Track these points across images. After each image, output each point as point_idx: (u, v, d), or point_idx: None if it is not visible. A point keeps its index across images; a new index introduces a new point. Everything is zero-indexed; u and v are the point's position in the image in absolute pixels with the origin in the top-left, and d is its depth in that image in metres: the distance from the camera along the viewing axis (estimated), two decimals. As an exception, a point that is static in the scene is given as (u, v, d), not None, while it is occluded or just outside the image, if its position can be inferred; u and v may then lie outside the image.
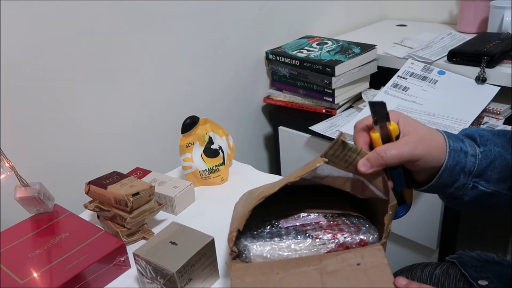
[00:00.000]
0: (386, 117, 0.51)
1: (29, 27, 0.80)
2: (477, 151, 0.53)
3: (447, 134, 0.54)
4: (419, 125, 0.53)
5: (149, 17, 0.98)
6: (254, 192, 0.58)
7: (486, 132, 0.56)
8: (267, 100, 1.29)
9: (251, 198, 0.55)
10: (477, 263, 0.70)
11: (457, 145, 0.53)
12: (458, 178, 0.53)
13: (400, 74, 1.16)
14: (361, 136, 0.53)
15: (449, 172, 0.52)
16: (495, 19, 1.23)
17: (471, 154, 0.52)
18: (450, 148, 0.52)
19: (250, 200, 0.53)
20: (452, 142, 0.52)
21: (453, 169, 0.52)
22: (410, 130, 0.51)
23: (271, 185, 0.54)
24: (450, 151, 0.51)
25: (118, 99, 0.98)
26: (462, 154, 0.52)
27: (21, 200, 0.69)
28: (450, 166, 0.52)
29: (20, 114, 0.83)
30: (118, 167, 0.81)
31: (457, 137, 0.54)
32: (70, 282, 0.57)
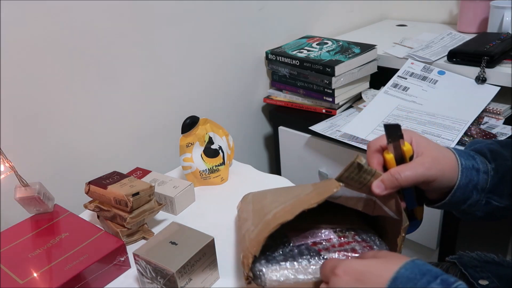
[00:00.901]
0: (400, 138, 0.52)
1: (29, 27, 0.80)
2: (489, 167, 0.53)
3: (458, 152, 0.54)
4: (432, 144, 0.53)
5: (149, 17, 0.98)
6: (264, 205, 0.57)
7: (495, 146, 0.56)
8: (267, 100, 1.29)
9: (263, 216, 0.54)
10: (477, 264, 0.70)
11: (469, 163, 0.53)
12: (471, 195, 0.53)
13: (400, 74, 1.16)
14: (375, 157, 0.54)
15: (462, 190, 0.52)
16: (495, 19, 1.23)
17: (483, 171, 0.53)
18: (462, 166, 0.52)
19: (265, 224, 0.52)
20: (464, 161, 0.53)
21: (466, 187, 0.52)
22: (423, 150, 0.52)
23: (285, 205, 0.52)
24: (463, 169, 0.52)
25: (118, 99, 0.98)
26: (474, 171, 0.53)
27: (21, 200, 0.69)
28: (463, 184, 0.52)
29: (20, 114, 0.83)
30: (118, 167, 0.81)
31: (468, 154, 0.54)
32: (70, 282, 0.57)
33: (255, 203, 0.62)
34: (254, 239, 0.51)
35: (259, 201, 0.61)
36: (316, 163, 1.18)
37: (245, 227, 0.58)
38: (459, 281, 0.39)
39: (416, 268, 0.41)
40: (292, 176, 1.04)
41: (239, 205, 0.71)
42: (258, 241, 0.50)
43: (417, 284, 0.40)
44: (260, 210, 0.57)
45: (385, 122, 0.55)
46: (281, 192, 0.61)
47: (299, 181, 0.87)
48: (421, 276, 0.40)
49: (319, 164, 1.18)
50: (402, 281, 0.40)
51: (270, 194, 0.63)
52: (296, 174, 1.25)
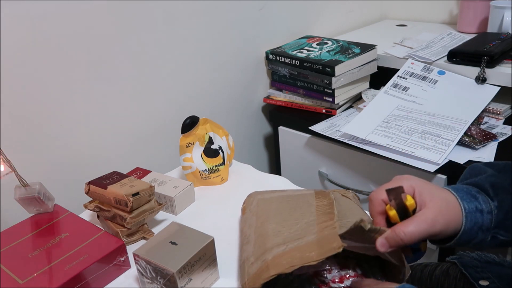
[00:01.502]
0: (401, 195, 0.52)
1: (29, 26, 0.80)
2: (492, 206, 0.53)
3: (459, 195, 0.53)
4: (435, 193, 0.52)
5: (149, 17, 0.98)
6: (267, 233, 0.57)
7: (495, 177, 0.55)
8: (267, 100, 1.29)
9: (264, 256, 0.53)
10: (477, 264, 0.70)
11: (472, 206, 0.52)
12: (476, 236, 0.52)
13: (400, 74, 1.16)
14: (378, 211, 0.54)
15: (467, 234, 0.52)
16: (495, 19, 1.23)
17: (487, 212, 0.52)
18: (466, 211, 0.51)
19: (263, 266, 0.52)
20: (466, 204, 0.52)
21: (471, 231, 0.52)
22: (426, 202, 0.51)
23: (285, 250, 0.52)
24: (467, 214, 0.51)
25: (118, 99, 0.98)
26: (479, 213, 0.52)
27: (21, 200, 0.69)
28: (468, 229, 0.51)
29: (20, 114, 0.83)
30: (118, 167, 0.81)
31: (469, 194, 0.53)
32: (70, 282, 0.57)
33: (259, 219, 0.62)
34: (252, 279, 0.52)
35: (262, 222, 0.61)
36: (316, 163, 1.18)
37: (246, 250, 0.58)
38: None
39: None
40: (292, 176, 1.03)
41: (243, 207, 0.71)
42: (257, 283, 0.51)
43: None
44: (262, 237, 0.57)
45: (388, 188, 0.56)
46: (286, 214, 0.61)
47: (299, 181, 0.87)
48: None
49: (319, 164, 1.18)
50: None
51: (274, 212, 0.62)
52: (296, 174, 1.25)
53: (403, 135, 0.97)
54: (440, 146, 0.92)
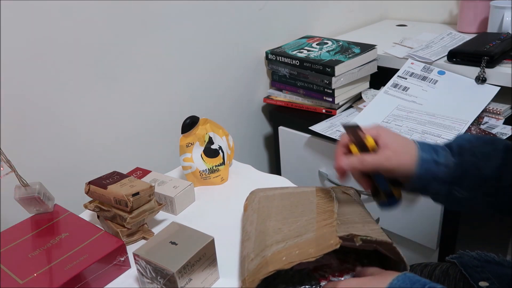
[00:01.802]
0: (360, 134, 0.59)
1: (29, 27, 0.80)
2: (450, 162, 0.57)
3: (421, 146, 0.59)
4: (396, 139, 0.59)
5: (149, 17, 0.98)
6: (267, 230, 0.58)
7: (468, 143, 0.59)
8: (267, 100, 1.29)
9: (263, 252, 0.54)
10: (477, 263, 0.70)
11: (428, 156, 0.58)
12: (430, 184, 0.58)
13: (400, 74, 1.16)
14: (341, 150, 0.60)
15: (419, 180, 0.57)
16: (495, 19, 1.23)
17: (444, 165, 0.57)
18: (420, 159, 0.57)
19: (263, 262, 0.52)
20: (423, 153, 0.58)
21: (423, 178, 0.57)
22: (387, 144, 0.58)
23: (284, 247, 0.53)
24: (421, 162, 0.57)
25: (118, 99, 0.98)
26: (433, 164, 0.57)
27: (21, 200, 0.69)
28: (421, 175, 0.57)
29: (20, 114, 0.83)
30: (118, 167, 0.81)
31: (432, 148, 0.59)
32: (70, 282, 0.57)
33: (260, 216, 0.63)
34: (252, 274, 0.53)
35: (263, 219, 0.61)
36: (316, 163, 1.18)
37: (247, 247, 0.59)
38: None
39: (407, 279, 0.46)
40: (292, 176, 1.03)
41: (245, 204, 0.71)
42: (256, 278, 0.52)
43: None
44: (263, 235, 0.58)
45: (344, 123, 0.63)
46: (286, 212, 0.62)
47: (299, 181, 0.87)
48: (411, 284, 0.45)
49: (319, 164, 1.18)
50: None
51: (275, 210, 0.63)
52: (296, 174, 1.25)
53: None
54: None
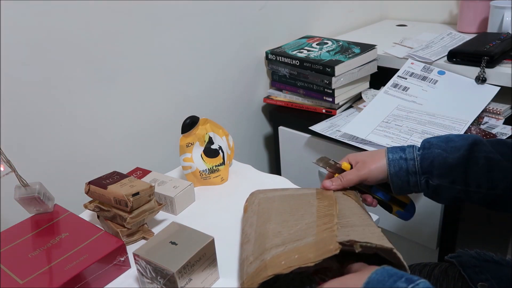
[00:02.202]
0: (333, 163, 0.73)
1: (29, 27, 0.80)
2: (415, 155, 0.66)
3: (390, 149, 0.68)
4: (364, 154, 0.71)
5: (149, 17, 0.98)
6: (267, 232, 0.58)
7: (436, 139, 0.68)
8: (267, 100, 1.29)
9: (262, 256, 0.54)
10: (476, 263, 0.70)
11: (396, 156, 0.67)
12: (408, 178, 0.66)
13: (400, 74, 1.16)
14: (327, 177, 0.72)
15: (396, 177, 0.66)
16: (495, 19, 1.23)
17: (410, 159, 0.66)
18: (389, 160, 0.67)
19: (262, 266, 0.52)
20: (391, 155, 0.67)
21: (398, 174, 0.66)
22: (356, 159, 0.70)
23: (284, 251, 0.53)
24: (390, 162, 0.67)
25: (118, 99, 0.98)
26: (402, 161, 0.66)
27: (21, 200, 0.69)
28: (394, 172, 0.66)
29: (20, 114, 0.83)
30: (118, 167, 0.82)
31: (399, 149, 0.68)
32: (70, 282, 0.57)
33: (259, 219, 0.63)
34: (251, 278, 0.52)
35: (263, 222, 0.61)
36: (316, 163, 1.18)
37: (246, 250, 0.59)
38: (422, 279, 0.45)
39: (385, 272, 0.47)
40: (292, 176, 1.03)
41: (245, 206, 0.71)
42: (255, 282, 0.51)
43: (385, 284, 0.46)
44: (262, 237, 0.58)
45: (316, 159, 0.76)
46: (286, 215, 0.61)
47: (299, 181, 0.87)
48: (388, 277, 0.46)
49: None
50: (373, 283, 0.47)
51: (275, 212, 0.63)
52: (296, 174, 1.25)
53: (403, 135, 0.97)
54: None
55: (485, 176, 0.63)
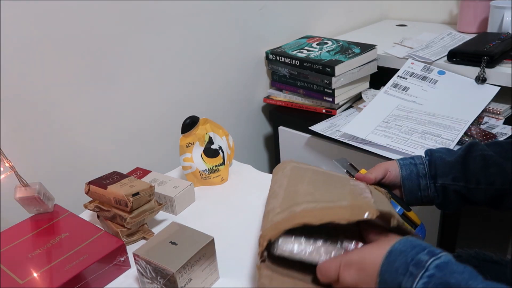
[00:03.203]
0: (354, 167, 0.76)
1: (29, 27, 0.80)
2: (424, 160, 0.71)
3: (399, 158, 0.73)
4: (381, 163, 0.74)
5: (148, 17, 0.98)
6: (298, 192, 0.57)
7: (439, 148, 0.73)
8: (267, 100, 1.29)
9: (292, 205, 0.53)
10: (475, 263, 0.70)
11: (406, 162, 0.71)
12: (419, 181, 0.70)
13: (400, 74, 1.16)
14: None
15: (407, 180, 0.70)
16: (495, 19, 1.23)
17: (419, 163, 0.70)
18: (400, 164, 0.71)
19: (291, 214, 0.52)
20: (402, 161, 0.71)
21: (409, 177, 0.70)
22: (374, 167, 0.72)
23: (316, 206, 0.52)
24: (401, 166, 0.71)
25: (118, 99, 0.98)
26: (413, 165, 0.70)
27: (21, 200, 0.69)
28: (406, 175, 0.70)
29: (20, 114, 0.83)
30: (118, 167, 0.81)
31: (409, 157, 0.73)
32: (70, 282, 0.57)
33: (291, 181, 0.61)
34: (275, 225, 0.52)
35: (294, 183, 0.60)
36: (316, 163, 1.18)
37: (272, 203, 0.57)
38: (444, 252, 0.45)
39: (408, 243, 0.47)
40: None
41: (276, 169, 0.69)
42: (278, 229, 0.51)
43: (407, 255, 0.46)
44: (292, 194, 0.57)
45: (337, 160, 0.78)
46: (320, 183, 0.60)
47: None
48: (411, 248, 0.46)
49: (319, 164, 1.18)
50: (396, 253, 0.47)
51: (308, 179, 0.61)
52: (296, 174, 1.25)
53: (403, 135, 0.97)
54: (440, 146, 0.92)
55: (483, 172, 0.66)
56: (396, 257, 0.46)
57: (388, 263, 0.46)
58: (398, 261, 0.46)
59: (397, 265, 0.46)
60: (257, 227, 0.71)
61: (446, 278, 0.43)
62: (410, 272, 0.44)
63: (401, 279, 0.45)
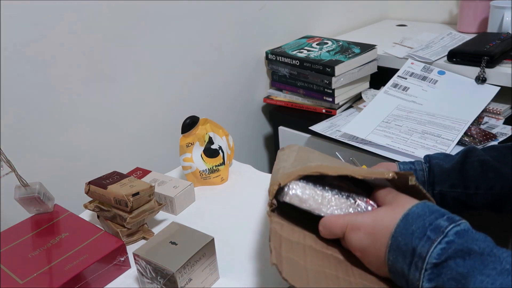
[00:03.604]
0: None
1: (29, 27, 0.80)
2: (424, 166, 0.69)
3: (401, 163, 0.71)
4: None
5: (149, 17, 0.98)
6: (310, 157, 0.57)
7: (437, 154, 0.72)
8: (267, 100, 1.29)
9: (305, 163, 0.53)
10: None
11: (406, 167, 0.70)
12: None
13: (400, 74, 1.16)
14: None
15: None
16: (495, 19, 1.23)
17: (419, 169, 0.69)
18: (400, 168, 0.69)
19: (305, 166, 0.51)
20: (402, 165, 0.70)
21: None
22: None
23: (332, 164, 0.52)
24: (401, 170, 0.69)
25: (118, 99, 0.98)
26: (412, 171, 0.69)
27: (21, 200, 0.69)
28: None
29: (20, 114, 0.83)
30: (118, 167, 0.81)
31: (409, 162, 0.71)
32: (70, 282, 0.57)
33: (301, 152, 0.61)
34: (287, 174, 0.51)
35: (305, 154, 0.60)
36: (316, 163, 1.18)
37: (281, 165, 0.57)
38: (463, 220, 0.44)
39: (426, 207, 0.45)
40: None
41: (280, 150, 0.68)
42: (290, 175, 0.50)
43: (425, 219, 0.44)
44: (304, 159, 0.57)
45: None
46: (330, 159, 0.61)
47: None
48: (430, 213, 0.44)
49: (319, 164, 1.18)
50: (413, 216, 0.45)
51: (317, 154, 0.62)
52: (296, 174, 1.25)
53: (403, 135, 0.97)
54: (440, 146, 0.92)
55: (481, 177, 0.66)
56: (413, 221, 0.44)
57: (404, 226, 0.44)
58: (415, 225, 0.44)
59: (413, 228, 0.43)
60: (257, 227, 0.71)
61: (468, 244, 0.41)
62: (428, 237, 0.42)
63: (417, 243, 0.43)
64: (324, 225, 0.51)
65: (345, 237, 0.49)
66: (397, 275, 0.46)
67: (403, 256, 0.44)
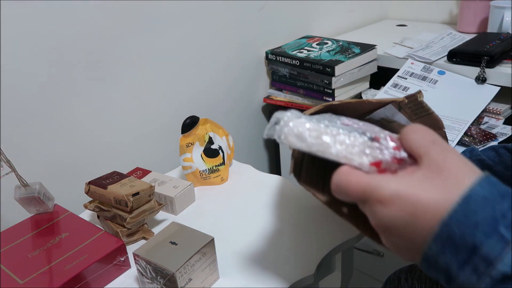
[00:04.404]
0: None
1: (29, 27, 0.80)
2: None
3: None
4: None
5: (149, 17, 0.98)
6: None
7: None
8: (267, 100, 1.29)
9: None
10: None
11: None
12: None
13: (400, 74, 1.16)
14: None
15: None
16: (495, 19, 1.23)
17: None
18: None
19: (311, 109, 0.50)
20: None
21: None
22: None
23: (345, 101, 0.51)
24: None
25: (118, 99, 0.98)
26: None
27: (21, 200, 0.69)
28: None
29: (20, 114, 0.83)
30: (118, 167, 0.82)
31: None
32: (70, 282, 0.57)
33: None
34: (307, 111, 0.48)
35: None
36: (316, 163, 1.18)
37: None
38: None
39: (493, 186, 0.33)
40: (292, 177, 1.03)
41: None
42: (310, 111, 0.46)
43: (495, 206, 0.31)
44: None
45: None
46: None
47: (299, 181, 0.87)
48: (500, 197, 0.32)
49: (319, 164, 1.18)
50: (476, 201, 0.32)
51: None
52: (296, 174, 1.25)
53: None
54: (440, 146, 0.92)
55: None
56: (477, 207, 0.31)
57: (464, 213, 0.32)
58: (481, 213, 0.31)
59: (478, 218, 0.31)
60: (257, 227, 0.71)
61: None
62: (501, 236, 0.30)
63: (481, 239, 0.31)
64: (338, 183, 0.37)
65: (367, 207, 0.37)
66: (435, 268, 0.34)
67: (454, 250, 0.32)
